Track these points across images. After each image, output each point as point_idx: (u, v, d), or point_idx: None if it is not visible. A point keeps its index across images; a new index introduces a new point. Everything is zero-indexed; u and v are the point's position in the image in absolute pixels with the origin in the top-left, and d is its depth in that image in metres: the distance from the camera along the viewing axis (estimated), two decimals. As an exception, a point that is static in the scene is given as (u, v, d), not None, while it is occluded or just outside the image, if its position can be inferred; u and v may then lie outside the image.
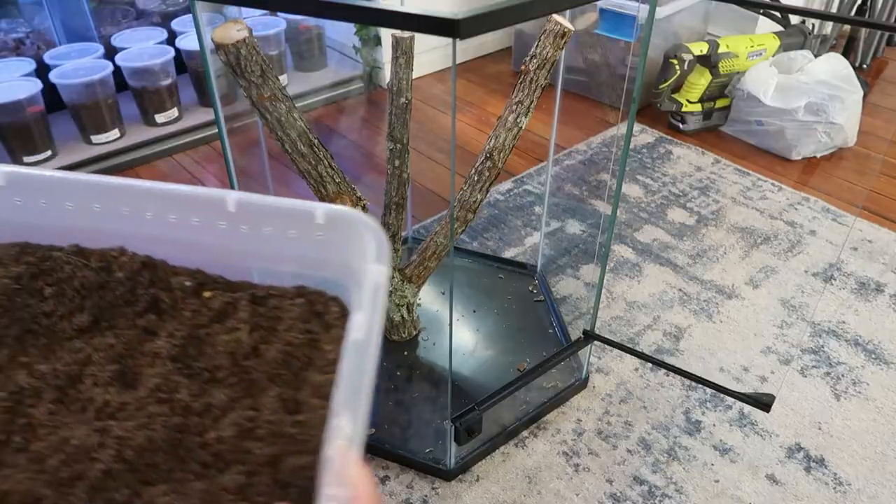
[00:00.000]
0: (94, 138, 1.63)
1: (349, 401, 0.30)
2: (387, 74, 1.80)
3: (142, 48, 1.70)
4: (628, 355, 1.15)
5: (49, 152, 1.57)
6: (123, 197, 0.41)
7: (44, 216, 0.41)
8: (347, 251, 0.39)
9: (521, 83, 0.88)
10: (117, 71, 1.61)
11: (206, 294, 0.43)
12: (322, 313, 0.42)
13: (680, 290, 1.30)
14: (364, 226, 0.38)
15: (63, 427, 0.37)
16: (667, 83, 1.75)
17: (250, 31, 0.72)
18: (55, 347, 0.40)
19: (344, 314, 0.42)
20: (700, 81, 1.77)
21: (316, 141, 0.83)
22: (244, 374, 0.40)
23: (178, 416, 0.37)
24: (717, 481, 0.97)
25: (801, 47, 1.82)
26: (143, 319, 0.42)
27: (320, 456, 0.34)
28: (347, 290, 0.41)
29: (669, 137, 1.81)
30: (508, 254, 1.38)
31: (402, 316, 1.09)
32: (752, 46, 1.77)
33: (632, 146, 1.77)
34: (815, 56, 1.76)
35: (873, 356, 1.16)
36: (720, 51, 1.74)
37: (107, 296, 0.42)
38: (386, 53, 1.97)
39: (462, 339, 1.13)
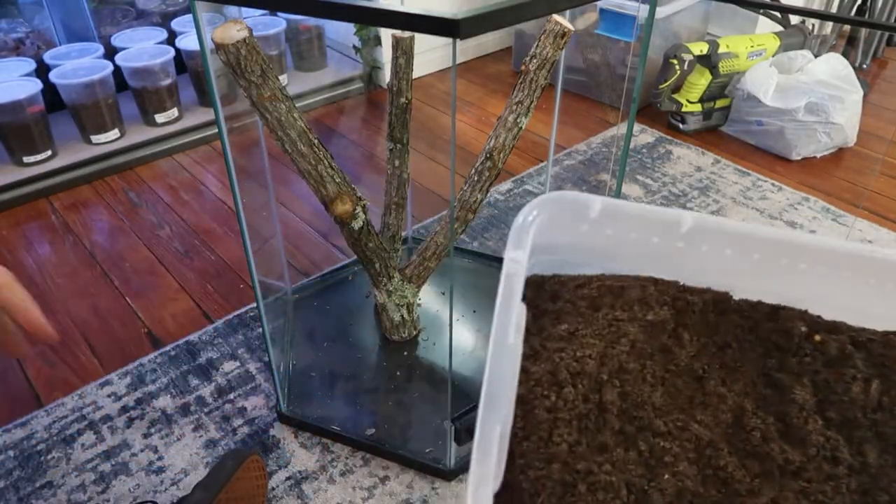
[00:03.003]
0: (94, 138, 1.63)
1: None
2: (387, 74, 1.80)
3: (142, 48, 1.70)
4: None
5: (49, 152, 1.57)
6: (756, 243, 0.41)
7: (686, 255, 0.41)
8: None
9: (521, 83, 0.88)
10: (117, 71, 1.61)
11: (818, 338, 0.42)
12: None
13: (680, 290, 1.30)
14: None
15: (760, 486, 0.36)
16: (667, 83, 1.75)
17: (250, 31, 0.72)
18: (693, 387, 0.40)
19: None
20: (700, 81, 1.77)
21: (316, 141, 0.83)
22: (876, 427, 0.39)
23: (850, 476, 0.37)
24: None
25: (801, 47, 1.82)
26: (763, 363, 0.42)
27: None
28: None
29: (669, 137, 1.81)
30: (508, 254, 1.38)
31: (402, 316, 1.09)
32: (752, 46, 1.77)
33: (632, 146, 1.77)
34: (815, 56, 1.76)
35: (873, 356, 1.16)
36: (720, 51, 1.74)
37: (728, 336, 0.42)
38: (386, 53, 1.97)
39: (462, 339, 1.13)
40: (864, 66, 2.18)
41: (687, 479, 0.36)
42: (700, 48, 1.73)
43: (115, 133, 1.65)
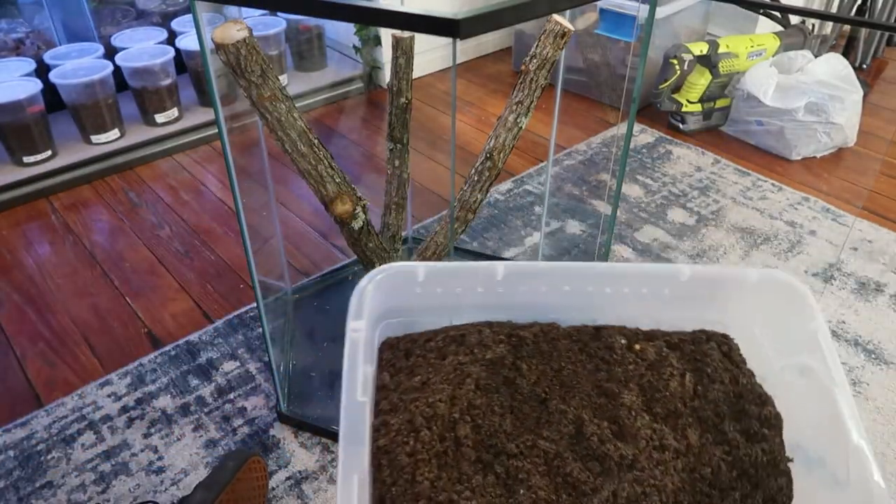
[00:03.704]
0: (94, 138, 1.63)
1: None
2: (387, 74, 1.80)
3: (142, 48, 1.70)
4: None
5: (49, 152, 1.57)
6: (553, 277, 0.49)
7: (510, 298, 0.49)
8: (767, 308, 0.47)
9: (521, 83, 0.88)
10: (117, 71, 1.61)
11: (638, 347, 0.49)
12: (728, 352, 0.50)
13: (680, 290, 1.30)
14: (795, 289, 0.46)
15: (602, 483, 0.42)
16: (667, 83, 1.75)
17: (250, 31, 0.72)
18: (538, 409, 0.46)
19: (738, 350, 0.50)
20: (700, 81, 1.77)
21: (316, 141, 0.83)
22: (695, 413, 0.46)
23: (676, 459, 0.44)
24: (717, 481, 0.97)
25: (801, 47, 1.82)
26: (594, 377, 0.48)
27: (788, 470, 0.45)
28: (743, 330, 0.50)
29: (669, 137, 1.81)
30: (508, 254, 1.38)
31: (402, 316, 1.09)
32: (752, 46, 1.77)
33: (632, 146, 1.77)
34: (815, 56, 1.76)
35: (873, 356, 1.16)
36: (720, 51, 1.74)
37: (562, 360, 0.49)
38: (386, 53, 1.97)
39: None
40: (864, 66, 2.18)
41: (540, 490, 0.41)
42: (700, 48, 1.73)
43: (115, 133, 1.65)
